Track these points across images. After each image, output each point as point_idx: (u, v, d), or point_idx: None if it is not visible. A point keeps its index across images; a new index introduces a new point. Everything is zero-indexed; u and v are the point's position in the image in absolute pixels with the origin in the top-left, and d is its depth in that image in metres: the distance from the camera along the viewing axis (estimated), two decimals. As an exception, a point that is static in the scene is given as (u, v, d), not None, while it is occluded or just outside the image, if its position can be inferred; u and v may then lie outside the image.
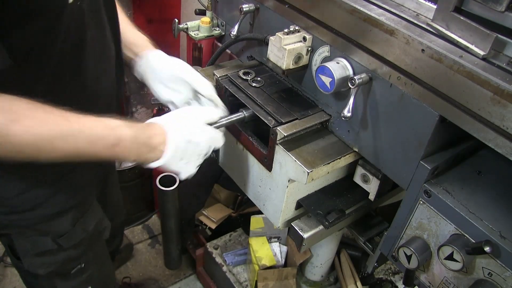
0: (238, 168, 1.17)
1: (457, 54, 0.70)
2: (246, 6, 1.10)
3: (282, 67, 0.97)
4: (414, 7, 0.84)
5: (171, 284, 2.16)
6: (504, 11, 0.67)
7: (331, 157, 0.95)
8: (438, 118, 0.76)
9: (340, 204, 1.05)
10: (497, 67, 0.69)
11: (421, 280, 0.88)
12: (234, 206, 2.14)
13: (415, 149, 0.82)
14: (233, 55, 1.32)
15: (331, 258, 1.68)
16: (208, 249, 1.93)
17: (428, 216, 0.82)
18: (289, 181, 0.98)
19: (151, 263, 2.26)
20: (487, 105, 0.66)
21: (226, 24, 1.33)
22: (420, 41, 0.73)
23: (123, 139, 0.81)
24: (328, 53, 0.95)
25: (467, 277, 0.78)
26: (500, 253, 0.71)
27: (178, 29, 1.36)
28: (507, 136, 0.66)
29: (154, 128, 0.87)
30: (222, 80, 1.10)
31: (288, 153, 0.95)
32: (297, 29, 0.97)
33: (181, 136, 0.87)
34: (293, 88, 1.10)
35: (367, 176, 0.99)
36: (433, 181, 0.82)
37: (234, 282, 1.81)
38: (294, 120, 0.99)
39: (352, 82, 0.83)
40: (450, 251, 0.75)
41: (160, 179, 1.44)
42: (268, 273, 1.69)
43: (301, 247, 1.07)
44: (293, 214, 1.10)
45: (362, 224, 1.14)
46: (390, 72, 0.81)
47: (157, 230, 2.40)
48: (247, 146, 1.09)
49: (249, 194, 1.18)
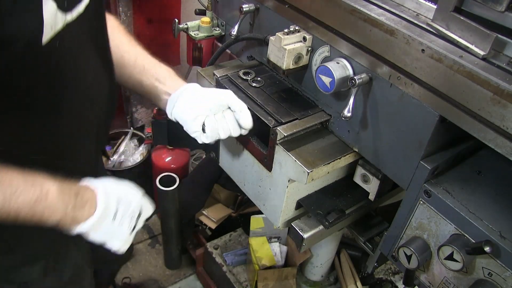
0: (238, 168, 1.17)
1: (457, 54, 0.70)
2: (246, 6, 1.10)
3: (282, 67, 0.97)
4: (414, 7, 0.84)
5: (171, 284, 2.16)
6: (504, 11, 0.67)
7: (331, 157, 0.95)
8: (438, 118, 0.76)
9: (340, 204, 1.05)
10: (497, 67, 0.69)
11: (421, 280, 0.88)
12: (234, 206, 2.14)
13: (415, 149, 0.82)
14: (233, 55, 1.32)
15: (331, 258, 1.68)
16: (208, 249, 1.93)
17: (428, 216, 0.82)
18: (289, 181, 0.98)
19: (151, 263, 2.26)
20: (487, 105, 0.66)
21: (226, 24, 1.33)
22: (420, 41, 0.73)
23: (48, 193, 0.72)
24: (328, 53, 0.95)
25: (467, 277, 0.78)
26: (500, 253, 0.71)
27: (178, 29, 1.36)
28: (507, 136, 0.66)
29: (82, 185, 0.80)
30: (222, 80, 1.10)
31: (288, 153, 0.95)
32: (297, 29, 0.97)
33: (112, 193, 0.82)
34: (293, 88, 1.10)
35: (367, 176, 0.99)
36: (433, 181, 0.82)
37: (234, 282, 1.81)
38: (294, 120, 0.99)
39: (352, 82, 0.83)
40: (450, 251, 0.75)
41: (160, 179, 1.44)
42: (268, 273, 1.69)
43: (301, 247, 1.07)
44: (293, 214, 1.10)
45: (362, 224, 1.14)
46: (390, 72, 0.81)
47: (157, 230, 2.40)
48: (247, 146, 1.09)
49: (249, 194, 1.18)
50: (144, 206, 0.90)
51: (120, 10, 2.09)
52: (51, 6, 0.64)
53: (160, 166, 2.13)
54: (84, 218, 0.78)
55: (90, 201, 0.79)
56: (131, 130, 2.40)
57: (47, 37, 0.65)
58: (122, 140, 2.35)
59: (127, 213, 0.84)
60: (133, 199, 0.86)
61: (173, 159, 2.16)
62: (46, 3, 0.63)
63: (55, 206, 0.74)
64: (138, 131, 2.43)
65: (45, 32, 0.64)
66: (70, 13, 0.70)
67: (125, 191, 0.86)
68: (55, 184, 0.74)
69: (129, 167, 2.19)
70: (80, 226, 0.78)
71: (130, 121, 2.56)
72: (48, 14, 0.64)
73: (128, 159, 2.28)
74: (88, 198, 0.79)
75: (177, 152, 2.18)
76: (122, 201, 0.84)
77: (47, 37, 0.65)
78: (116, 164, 2.25)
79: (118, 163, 2.26)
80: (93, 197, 0.80)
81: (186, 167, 2.22)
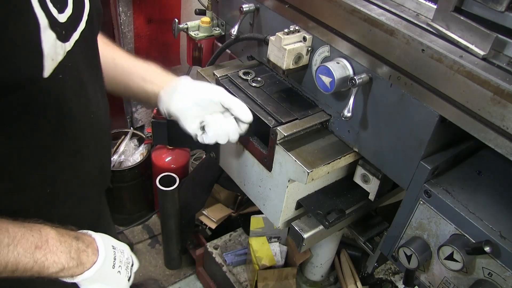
0: (238, 168, 1.17)
1: (457, 54, 0.70)
2: (246, 6, 1.10)
3: (282, 67, 0.97)
4: (414, 7, 0.84)
5: (171, 284, 2.16)
6: (504, 11, 0.67)
7: (331, 157, 0.95)
8: (438, 118, 0.76)
9: (340, 204, 1.05)
10: (497, 67, 0.69)
11: (421, 280, 0.88)
12: (234, 206, 2.14)
13: (415, 149, 0.82)
14: (233, 55, 1.32)
15: (331, 258, 1.68)
16: (208, 249, 1.93)
17: (428, 216, 0.82)
18: (289, 181, 0.98)
19: (151, 263, 2.26)
20: (487, 105, 0.66)
21: (226, 24, 1.33)
22: (420, 41, 0.73)
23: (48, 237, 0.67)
24: (328, 53, 0.95)
25: (467, 277, 0.78)
26: (500, 253, 0.71)
27: (178, 29, 1.36)
28: (507, 136, 0.66)
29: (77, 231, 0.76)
30: (222, 80, 1.10)
31: (288, 153, 0.95)
32: (297, 29, 0.97)
33: (107, 241, 0.79)
34: (293, 88, 1.10)
35: (367, 176, 0.99)
36: (433, 181, 0.82)
37: (234, 282, 1.81)
38: (294, 120, 0.99)
39: (352, 82, 0.83)
40: (450, 251, 0.75)
41: (160, 179, 1.44)
42: (268, 273, 1.69)
43: (301, 247, 1.07)
44: (293, 214, 1.10)
45: (362, 224, 1.14)
46: (390, 72, 0.81)
47: (157, 230, 2.40)
48: (247, 146, 1.09)
49: (249, 194, 1.18)
50: (133, 257, 0.87)
51: (120, 10, 2.09)
52: (50, 36, 0.61)
53: (160, 166, 2.13)
54: (89, 263, 0.73)
55: (91, 245, 0.75)
56: (131, 130, 2.40)
57: (49, 70, 0.62)
58: (122, 140, 2.35)
59: (123, 261, 0.81)
60: (124, 248, 0.83)
61: (173, 159, 2.16)
62: (44, 34, 0.60)
63: (57, 250, 0.68)
64: (138, 131, 2.43)
65: (46, 66, 0.61)
66: (68, 42, 0.67)
67: (116, 241, 0.83)
68: (54, 228, 0.70)
69: (129, 167, 2.18)
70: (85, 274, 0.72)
71: (130, 121, 2.56)
72: (48, 45, 0.61)
73: (128, 159, 2.28)
74: (89, 242, 0.75)
75: (177, 152, 2.18)
76: (117, 249, 0.81)
77: (49, 70, 0.62)
78: (116, 164, 2.25)
79: (118, 163, 2.26)
80: (93, 242, 0.76)
81: (186, 167, 2.22)
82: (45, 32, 0.60)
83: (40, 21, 0.59)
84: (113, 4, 2.10)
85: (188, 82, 0.94)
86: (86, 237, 0.76)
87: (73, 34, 0.69)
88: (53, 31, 0.62)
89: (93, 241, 0.76)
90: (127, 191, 2.28)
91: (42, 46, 0.60)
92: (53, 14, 0.62)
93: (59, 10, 0.64)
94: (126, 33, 2.19)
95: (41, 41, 0.60)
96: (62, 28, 0.64)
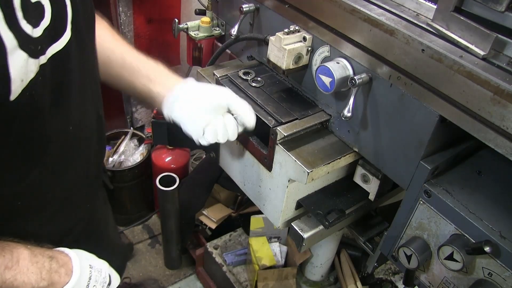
0: (238, 168, 1.17)
1: (457, 54, 0.70)
2: (246, 6, 1.10)
3: (282, 67, 0.97)
4: (414, 7, 0.84)
5: (171, 284, 2.16)
6: (504, 11, 0.67)
7: (331, 157, 0.95)
8: (438, 118, 0.76)
9: (340, 204, 1.05)
10: (497, 67, 0.69)
11: (421, 280, 0.88)
12: (234, 206, 2.15)
13: (415, 149, 0.82)
14: (233, 55, 1.32)
15: (331, 258, 1.68)
16: (208, 249, 1.93)
17: (428, 216, 0.82)
18: (289, 181, 0.98)
19: (151, 263, 2.26)
20: (487, 105, 0.66)
21: (226, 24, 1.33)
22: (420, 41, 0.73)
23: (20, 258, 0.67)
24: (328, 53, 0.95)
25: (467, 277, 0.78)
26: (500, 253, 0.71)
27: (178, 29, 1.36)
28: (507, 136, 0.66)
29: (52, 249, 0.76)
30: (222, 80, 1.10)
31: (288, 153, 0.95)
32: (297, 29, 0.97)
33: (85, 260, 0.78)
34: (293, 88, 1.10)
35: (367, 176, 0.99)
36: (433, 181, 0.82)
37: (234, 282, 1.81)
38: (294, 120, 0.99)
39: (352, 82, 0.83)
40: (450, 251, 0.75)
41: (160, 179, 1.44)
42: (268, 273, 1.69)
43: (301, 247, 1.07)
44: (293, 214, 1.10)
45: (362, 224, 1.14)
46: (390, 72, 0.81)
47: (157, 230, 2.41)
48: (247, 146, 1.09)
49: (249, 194, 1.18)
50: (112, 275, 0.86)
51: (120, 10, 2.10)
52: (20, 57, 0.57)
53: (160, 166, 2.14)
54: (60, 284, 0.72)
55: (65, 265, 0.74)
56: (131, 130, 2.40)
57: (17, 93, 0.59)
58: (122, 140, 2.35)
59: (99, 281, 0.80)
60: (102, 267, 0.83)
61: (173, 159, 2.16)
62: (12, 57, 0.56)
63: (28, 271, 0.67)
64: (138, 131, 2.43)
65: (13, 89, 0.58)
66: (44, 55, 0.63)
67: (94, 259, 0.82)
68: (27, 248, 0.69)
69: (129, 167, 2.19)
70: None
71: (130, 121, 2.56)
72: (16, 68, 0.57)
73: (128, 159, 2.28)
74: (64, 262, 0.74)
75: (177, 152, 2.18)
76: (93, 268, 0.80)
77: (16, 92, 0.59)
78: (116, 164, 2.25)
79: (118, 163, 2.26)
80: (68, 262, 0.75)
81: (186, 167, 2.22)
82: (14, 54, 0.56)
83: (7, 44, 0.55)
84: (113, 4, 2.10)
85: (193, 87, 0.93)
86: (61, 256, 0.75)
87: (51, 46, 0.65)
88: (24, 51, 0.58)
89: (69, 261, 0.75)
90: (127, 191, 2.28)
91: (9, 71, 0.56)
92: (25, 32, 0.58)
93: (34, 25, 0.59)
94: (126, 33, 2.19)
95: (8, 65, 0.56)
96: (36, 43, 0.60)
